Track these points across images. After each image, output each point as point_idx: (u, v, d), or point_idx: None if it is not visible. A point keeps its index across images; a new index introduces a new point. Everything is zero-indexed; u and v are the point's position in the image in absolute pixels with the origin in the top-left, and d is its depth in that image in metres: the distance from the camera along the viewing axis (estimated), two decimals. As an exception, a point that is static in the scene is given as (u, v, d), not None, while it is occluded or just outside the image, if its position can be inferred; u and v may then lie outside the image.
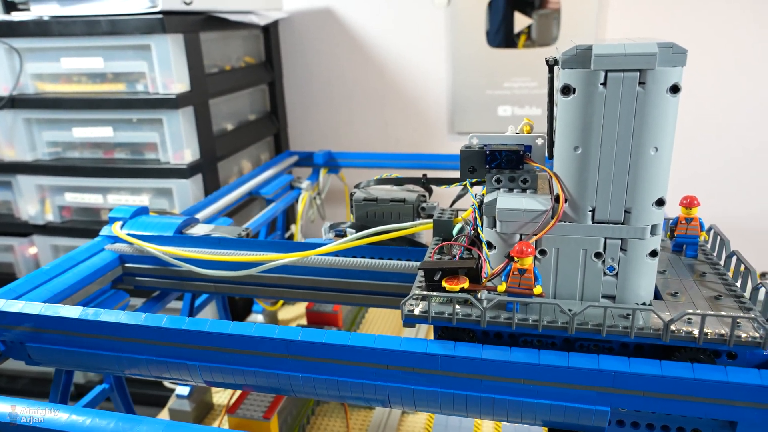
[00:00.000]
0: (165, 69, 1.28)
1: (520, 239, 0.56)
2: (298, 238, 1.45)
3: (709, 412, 0.50)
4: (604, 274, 0.56)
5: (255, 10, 1.57)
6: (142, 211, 0.94)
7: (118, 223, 0.90)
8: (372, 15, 1.79)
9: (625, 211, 0.53)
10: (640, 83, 0.49)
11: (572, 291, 0.57)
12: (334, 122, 1.94)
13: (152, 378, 0.66)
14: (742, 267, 0.59)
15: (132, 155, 1.40)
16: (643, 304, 0.56)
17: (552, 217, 0.54)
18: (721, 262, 0.64)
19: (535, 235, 0.55)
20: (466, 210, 0.75)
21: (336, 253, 0.78)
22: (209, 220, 1.12)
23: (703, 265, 0.64)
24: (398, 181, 0.83)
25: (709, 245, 0.68)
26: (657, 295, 0.58)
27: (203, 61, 1.37)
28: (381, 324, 1.43)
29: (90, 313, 0.64)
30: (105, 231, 0.90)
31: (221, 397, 1.20)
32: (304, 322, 1.46)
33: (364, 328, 1.40)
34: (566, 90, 0.52)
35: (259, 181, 1.40)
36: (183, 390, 1.10)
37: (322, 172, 1.61)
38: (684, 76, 0.50)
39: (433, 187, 0.84)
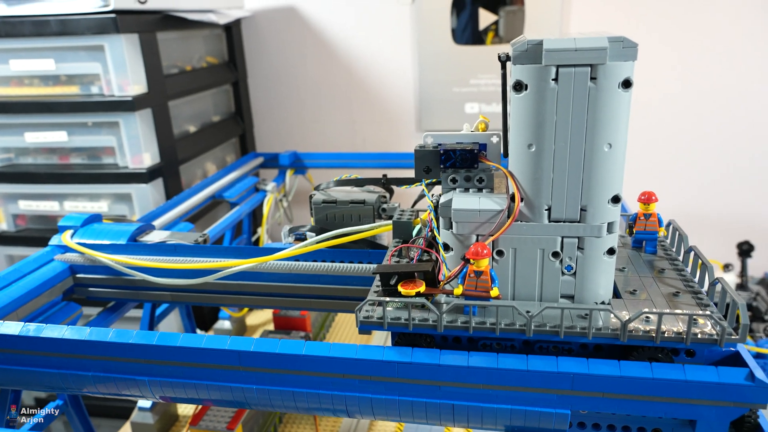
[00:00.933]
0: (120, 70, 1.23)
1: (477, 240, 0.55)
2: (264, 241, 1.42)
3: (668, 411, 0.50)
4: (563, 273, 0.55)
5: (215, 8, 1.54)
6: (95, 218, 0.91)
7: (69, 232, 0.86)
8: (336, 13, 1.77)
9: (581, 209, 0.52)
10: (591, 78, 0.48)
11: (531, 292, 0.56)
12: (301, 122, 1.91)
13: (102, 395, 0.63)
14: (700, 262, 0.59)
15: (89, 160, 1.36)
16: (602, 303, 0.55)
17: (508, 217, 0.53)
18: (680, 258, 0.64)
19: (492, 235, 0.54)
20: (425, 211, 0.74)
21: (296, 258, 0.76)
22: (169, 226, 1.09)
23: (662, 261, 0.63)
24: (358, 182, 0.82)
25: (668, 241, 0.68)
26: (616, 293, 0.57)
27: (161, 61, 1.33)
28: (350, 327, 1.41)
29: (32, 328, 0.61)
30: (54, 240, 0.87)
31: (186, 408, 1.17)
32: (271, 326, 1.43)
33: (333, 332, 1.38)
34: (518, 86, 0.51)
35: (223, 184, 1.36)
36: (145, 402, 1.07)
37: (288, 174, 1.58)
38: (646, 69, 0.49)
39: (394, 187, 0.82)
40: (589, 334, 0.50)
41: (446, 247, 0.57)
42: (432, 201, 0.58)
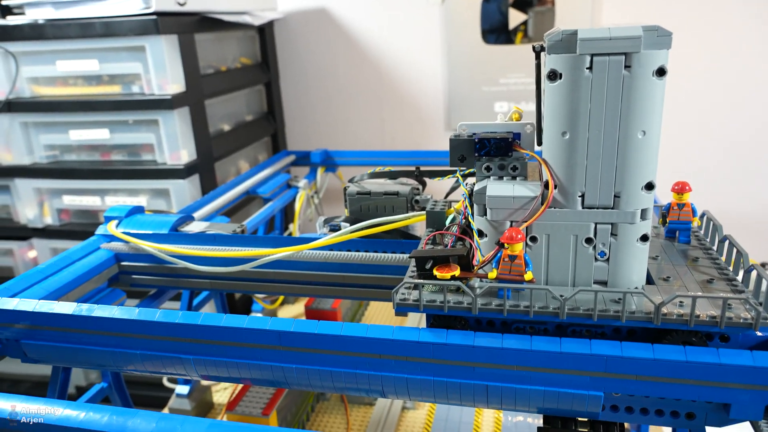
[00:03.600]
0: (160, 70, 1.28)
1: (511, 226, 0.56)
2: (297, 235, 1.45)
3: (702, 395, 0.50)
4: (596, 259, 0.56)
5: (249, 10, 1.58)
6: (138, 210, 0.94)
7: (114, 222, 0.90)
8: (367, 14, 1.80)
9: (615, 196, 0.53)
10: (625, 67, 0.49)
11: (564, 277, 0.57)
12: (331, 121, 1.94)
13: (148, 373, 0.66)
14: (735, 251, 0.59)
15: (129, 157, 1.41)
16: (635, 288, 0.56)
17: (542, 204, 0.54)
18: (714, 248, 0.64)
19: (525, 221, 0.55)
20: (459, 201, 0.75)
21: (330, 247, 0.78)
22: (206, 219, 1.13)
23: (695, 251, 0.63)
24: (392, 175, 0.84)
25: (702, 231, 0.68)
26: (649, 280, 0.57)
27: (198, 61, 1.38)
28: (382, 319, 1.43)
29: (84, 308, 0.64)
30: (100, 230, 0.90)
31: (222, 395, 1.20)
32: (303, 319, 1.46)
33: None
34: (553, 75, 0.52)
35: (257, 180, 1.40)
36: (182, 389, 1.10)
37: (320, 171, 1.61)
38: (676, 66, 0.50)
39: (427, 180, 0.84)
40: (622, 317, 0.51)
41: (480, 234, 0.58)
42: (467, 189, 0.60)
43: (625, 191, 0.53)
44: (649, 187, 0.53)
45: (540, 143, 0.57)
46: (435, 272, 0.56)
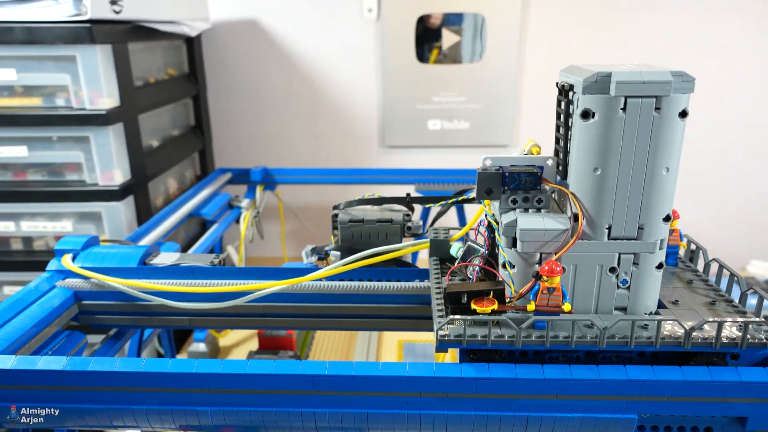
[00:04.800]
0: (93, 82, 1.17)
1: (540, 258, 0.58)
2: (242, 260, 1.39)
3: (723, 411, 0.55)
4: (618, 287, 0.59)
5: (182, 20, 1.49)
6: (93, 240, 0.85)
7: (68, 256, 0.81)
8: (300, 28, 1.77)
9: (639, 228, 0.57)
10: (656, 109, 0.53)
11: (588, 305, 0.59)
12: (263, 137, 1.88)
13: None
14: (722, 271, 0.65)
15: (49, 176, 1.27)
16: (650, 313, 0.60)
17: (572, 236, 0.57)
18: (700, 269, 0.70)
19: (556, 253, 0.57)
20: (455, 229, 0.76)
21: (327, 278, 0.76)
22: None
23: (685, 273, 0.69)
24: (382, 201, 0.83)
25: (682, 254, 0.74)
26: (660, 304, 0.62)
27: (132, 73, 1.28)
28: (330, 345, 1.41)
29: (78, 362, 0.57)
30: (53, 265, 0.81)
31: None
32: (249, 347, 1.39)
33: (315, 350, 1.37)
34: (586, 114, 0.54)
35: (198, 201, 1.32)
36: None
37: (258, 189, 1.55)
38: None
39: (415, 206, 0.84)
40: (656, 343, 0.54)
41: (508, 265, 0.59)
42: (493, 219, 0.61)
43: (648, 223, 0.56)
44: (667, 218, 0.57)
45: (564, 177, 0.59)
46: (474, 306, 0.56)
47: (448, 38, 1.75)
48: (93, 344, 0.83)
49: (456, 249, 0.71)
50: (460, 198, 0.79)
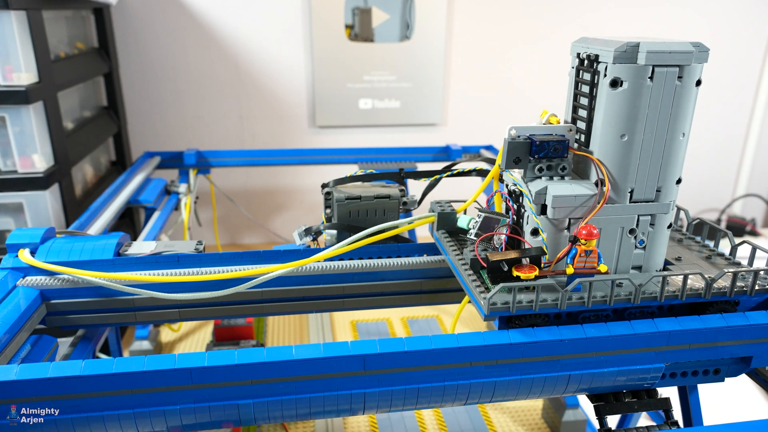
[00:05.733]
0: (6, 54, 1.02)
1: (569, 223, 0.60)
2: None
3: (732, 352, 0.61)
4: (635, 247, 0.63)
5: (96, -13, 1.34)
6: (50, 233, 0.75)
7: (25, 251, 0.71)
8: (221, 2, 1.66)
9: (657, 190, 0.61)
10: (678, 77, 0.57)
11: (609, 266, 0.62)
12: (181, 119, 1.76)
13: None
14: (707, 229, 0.72)
15: (-50, 165, 1.10)
16: (660, 270, 0.64)
17: (599, 201, 0.59)
18: (683, 229, 0.76)
19: (585, 218, 0.59)
20: (458, 201, 0.77)
21: (328, 258, 0.73)
22: (101, 238, 0.94)
23: (673, 234, 0.75)
24: (376, 176, 0.81)
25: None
26: (666, 262, 0.66)
27: (48, 45, 1.13)
28: (284, 331, 1.36)
29: (99, 365, 0.50)
30: (7, 262, 0.70)
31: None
32: (198, 340, 1.31)
33: (272, 338, 1.32)
34: (615, 83, 0.57)
35: (134, 187, 1.21)
36: None
37: (192, 173, 1.45)
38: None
39: (408, 180, 0.83)
40: (682, 296, 0.58)
41: (536, 232, 0.61)
42: (522, 187, 0.61)
43: (665, 186, 0.60)
44: (679, 181, 0.61)
45: (587, 144, 0.61)
46: (517, 273, 0.57)
47: (377, 16, 1.74)
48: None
49: (466, 221, 0.71)
50: (455, 171, 0.80)
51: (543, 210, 0.60)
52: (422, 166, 1.52)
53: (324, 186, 0.81)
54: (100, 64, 1.50)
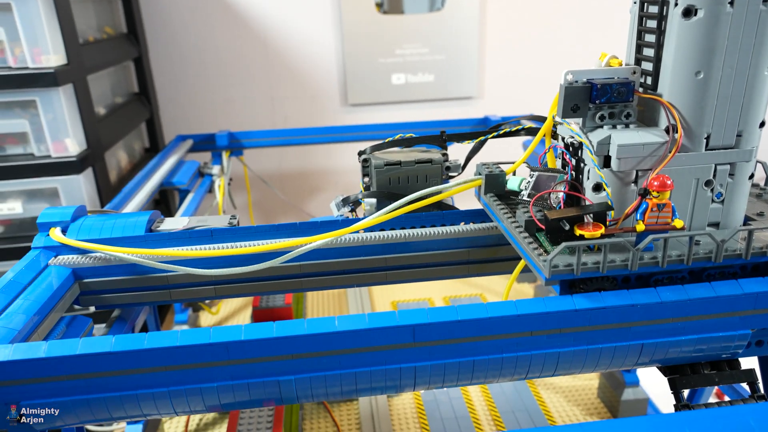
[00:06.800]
0: (33, 36, 1.00)
1: (636, 176, 0.54)
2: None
3: (826, 316, 0.53)
4: (712, 201, 0.56)
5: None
6: (81, 211, 0.73)
7: (56, 230, 0.68)
8: (248, -21, 1.62)
9: (737, 135, 0.54)
10: (763, 2, 0.49)
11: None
12: (212, 101, 1.73)
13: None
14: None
15: (-15, 152, 1.09)
16: (740, 226, 0.57)
17: (670, 150, 0.53)
18: (761, 183, 0.69)
19: (654, 169, 0.53)
20: (507, 163, 0.71)
21: (368, 229, 0.68)
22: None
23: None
24: (416, 140, 0.76)
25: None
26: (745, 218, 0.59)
27: (76, 27, 1.11)
28: (323, 314, 1.33)
29: (144, 338, 0.47)
30: (39, 242, 0.68)
31: (175, 428, 1.01)
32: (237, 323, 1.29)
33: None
34: (688, 12, 0.50)
35: (167, 170, 1.19)
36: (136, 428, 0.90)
37: (225, 155, 1.43)
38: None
39: (448, 144, 0.78)
40: (771, 253, 0.52)
41: (599, 188, 0.55)
42: (582, 138, 0.55)
43: (746, 130, 0.53)
44: (762, 124, 0.54)
45: (655, 87, 0.54)
46: (581, 232, 0.51)
47: (408, -14, 1.67)
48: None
49: (517, 182, 0.65)
50: (502, 131, 0.74)
51: (606, 162, 0.54)
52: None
53: (361, 153, 0.76)
54: (129, 49, 1.49)
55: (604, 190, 0.54)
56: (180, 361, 0.47)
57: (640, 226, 0.51)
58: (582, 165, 0.57)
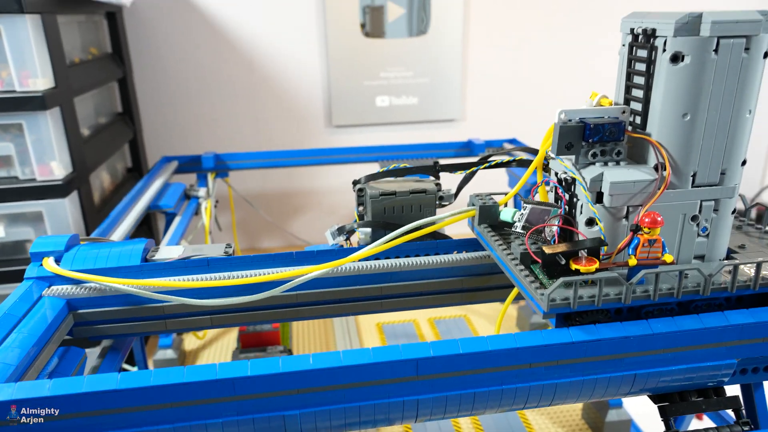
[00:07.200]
0: (21, 59, 1.00)
1: (627, 211, 0.56)
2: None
3: (807, 344, 0.56)
4: (698, 235, 0.58)
5: (109, -10, 1.32)
6: (74, 240, 0.72)
7: (50, 259, 0.68)
8: (234, 2, 1.63)
9: (721, 173, 0.56)
10: (745, 49, 0.52)
11: (670, 256, 0.58)
12: (197, 122, 1.73)
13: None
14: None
15: (-33, 175, 1.07)
16: (722, 259, 0.60)
17: (659, 187, 0.55)
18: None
19: (644, 205, 0.55)
20: (499, 194, 0.73)
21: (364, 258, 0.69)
22: (120, 245, 0.91)
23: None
24: (407, 171, 0.77)
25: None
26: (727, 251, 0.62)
27: (63, 50, 1.11)
28: (310, 336, 1.33)
29: (119, 378, 0.47)
30: (32, 272, 0.67)
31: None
32: (223, 348, 1.28)
33: (297, 344, 1.29)
34: (676, 58, 0.53)
35: (153, 193, 1.18)
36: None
37: (210, 177, 1.42)
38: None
39: (440, 174, 0.79)
40: (755, 285, 0.54)
41: (592, 222, 0.57)
42: (576, 175, 0.57)
43: (730, 168, 0.56)
44: (743, 162, 0.57)
45: (644, 127, 0.57)
46: (576, 266, 0.53)
47: (392, 11, 1.70)
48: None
49: (510, 213, 0.67)
50: (494, 163, 0.76)
51: (599, 198, 0.56)
52: (448, 161, 1.49)
53: (356, 183, 0.77)
54: (114, 69, 1.48)
55: (597, 224, 0.56)
56: (186, 397, 0.47)
57: (633, 261, 0.53)
58: (575, 200, 0.59)
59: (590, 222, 0.57)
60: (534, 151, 0.74)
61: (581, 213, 0.58)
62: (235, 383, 0.47)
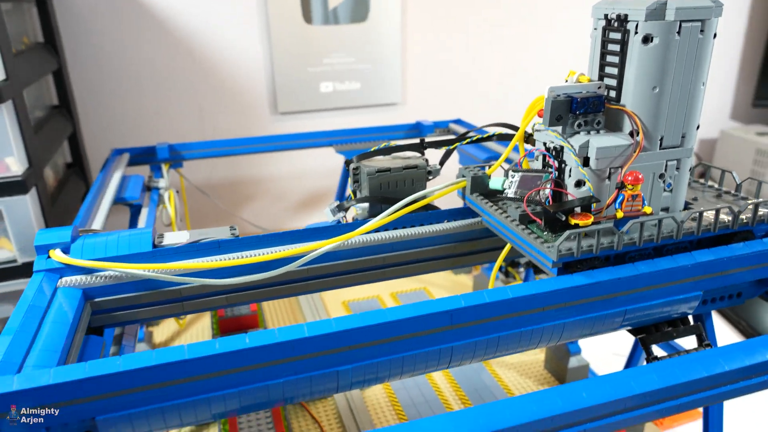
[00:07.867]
0: (-29, 50, 0.95)
1: (609, 173, 0.65)
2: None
3: (753, 276, 0.68)
4: (664, 190, 0.68)
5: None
6: (75, 231, 0.72)
7: (57, 251, 0.67)
8: (172, -12, 1.60)
9: (681, 136, 0.67)
10: (700, 31, 0.62)
11: (642, 209, 0.68)
12: (138, 114, 1.68)
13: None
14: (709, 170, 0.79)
15: None
16: (682, 210, 0.71)
17: (635, 150, 0.64)
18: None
19: (623, 166, 0.64)
20: (486, 164, 0.80)
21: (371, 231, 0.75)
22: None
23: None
24: (397, 149, 0.83)
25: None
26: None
27: (9, 37, 1.06)
28: (280, 318, 1.36)
29: (215, 344, 0.49)
30: (40, 264, 0.67)
31: None
32: (193, 337, 1.28)
33: (272, 325, 1.31)
34: (646, 39, 0.62)
35: (115, 185, 1.16)
36: None
37: (164, 168, 1.40)
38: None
39: (421, 149, 0.86)
40: (714, 228, 0.65)
41: (580, 184, 0.65)
42: (565, 142, 0.65)
43: (688, 132, 0.66)
44: (698, 127, 0.68)
45: (618, 99, 0.66)
46: (576, 221, 0.61)
47: (333, -2, 1.73)
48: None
49: (500, 182, 0.75)
50: (475, 138, 0.83)
51: (585, 162, 0.65)
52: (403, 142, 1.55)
53: (348, 162, 0.82)
54: (49, 59, 1.41)
55: (586, 185, 0.65)
56: (252, 361, 0.50)
57: (620, 214, 0.62)
58: (563, 165, 0.67)
59: (578, 184, 0.66)
60: (512, 127, 0.82)
61: (570, 176, 0.66)
62: (294, 345, 0.51)
